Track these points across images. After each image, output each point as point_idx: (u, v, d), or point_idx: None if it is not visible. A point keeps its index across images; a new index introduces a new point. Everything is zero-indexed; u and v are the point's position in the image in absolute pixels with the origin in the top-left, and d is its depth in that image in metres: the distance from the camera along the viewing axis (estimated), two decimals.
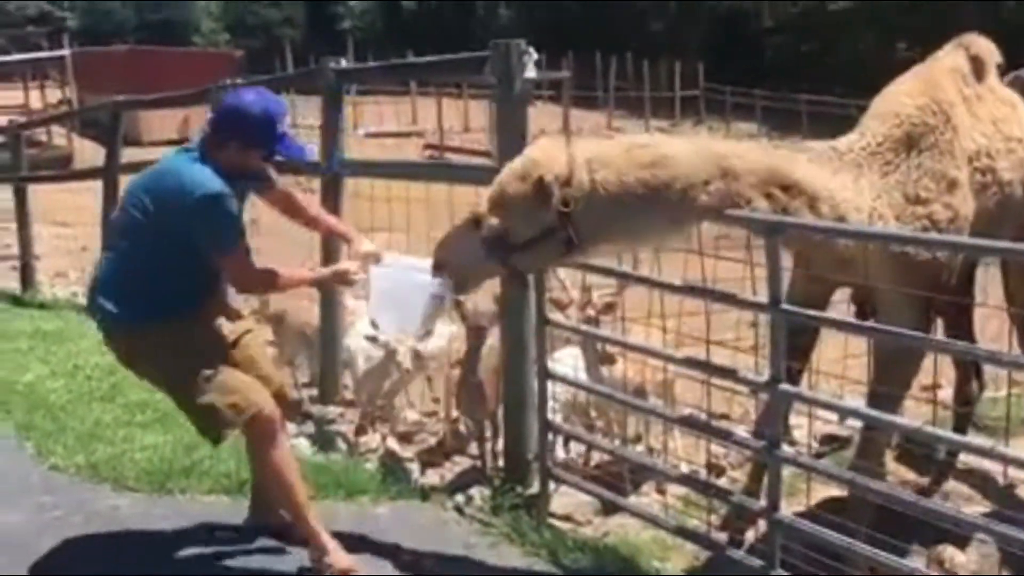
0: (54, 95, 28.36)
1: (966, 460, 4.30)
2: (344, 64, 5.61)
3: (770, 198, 3.20)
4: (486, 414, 4.44)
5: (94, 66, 27.74)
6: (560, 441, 4.59)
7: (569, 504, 4.04)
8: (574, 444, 4.69)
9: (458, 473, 4.53)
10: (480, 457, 4.55)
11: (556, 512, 3.97)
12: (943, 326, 4.04)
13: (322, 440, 4.93)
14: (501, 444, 4.35)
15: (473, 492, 4.17)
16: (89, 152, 16.77)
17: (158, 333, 3.37)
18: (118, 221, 3.51)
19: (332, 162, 5.37)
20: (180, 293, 3.40)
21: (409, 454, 4.80)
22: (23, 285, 9.54)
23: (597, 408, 4.59)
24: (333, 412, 5.31)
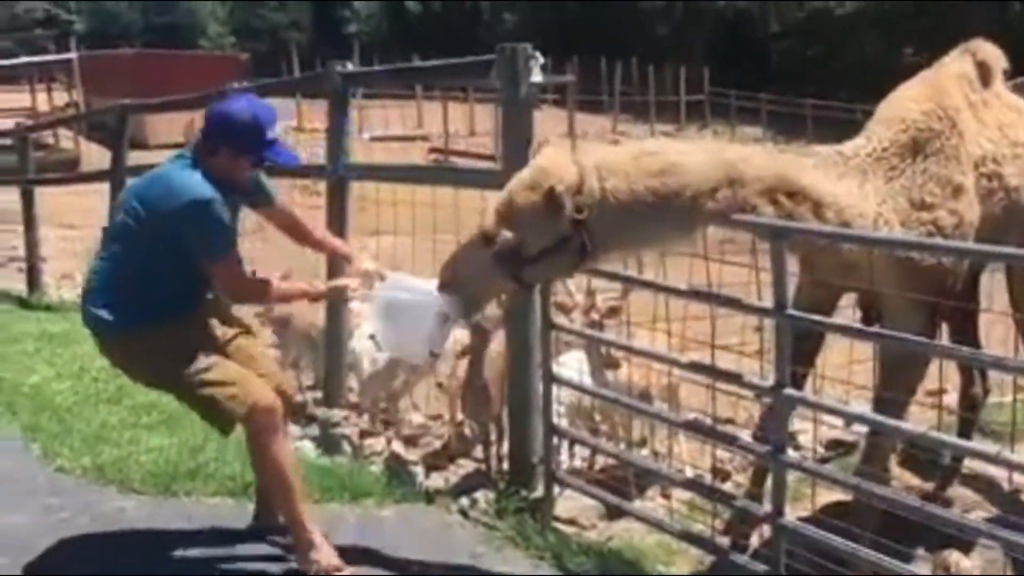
0: (61, 98, 28.45)
1: (971, 465, 4.29)
2: (350, 68, 5.62)
3: (776, 204, 3.20)
4: (491, 417, 4.44)
5: (101, 69, 27.83)
6: (565, 447, 4.59)
7: (574, 508, 4.03)
8: (579, 449, 4.69)
9: (463, 476, 4.53)
10: (485, 461, 4.55)
11: (561, 516, 3.96)
12: (948, 331, 4.03)
13: (327, 443, 4.94)
14: (506, 448, 4.35)
15: (478, 495, 4.17)
16: (96, 155, 16.84)
17: (152, 337, 3.36)
18: (111, 226, 3.50)
19: (337, 165, 5.38)
20: (173, 297, 3.39)
21: (414, 457, 4.81)
22: (29, 287, 9.57)
23: (602, 412, 4.60)
24: (338, 415, 5.31)
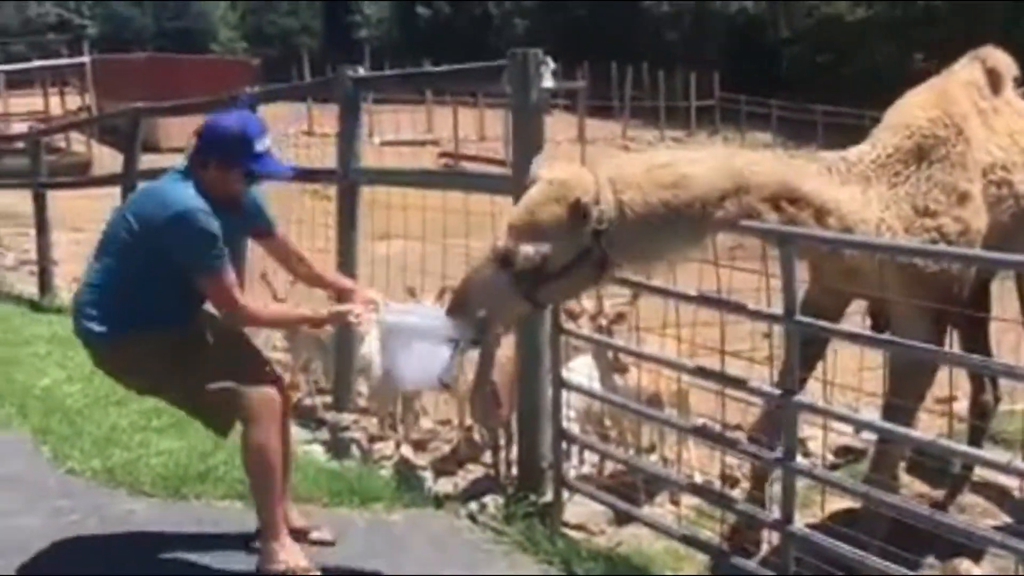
0: (74, 102, 28.60)
1: (982, 473, 4.28)
2: (361, 72, 5.64)
3: (778, 210, 3.21)
4: (500, 422, 4.44)
5: (113, 73, 27.97)
6: (575, 453, 4.59)
7: (582, 513, 4.03)
8: (588, 455, 4.69)
9: (472, 481, 4.53)
10: (494, 465, 4.56)
11: (569, 521, 3.96)
12: (959, 339, 4.02)
13: (336, 447, 4.95)
14: (515, 453, 4.35)
15: (487, 500, 4.16)
16: (107, 159, 16.88)
17: (141, 344, 3.34)
18: (103, 239, 3.48)
19: (348, 170, 5.39)
20: (164, 309, 3.35)
21: (423, 462, 4.82)
22: (41, 290, 9.60)
23: (612, 417, 4.60)
24: (347, 419, 5.32)
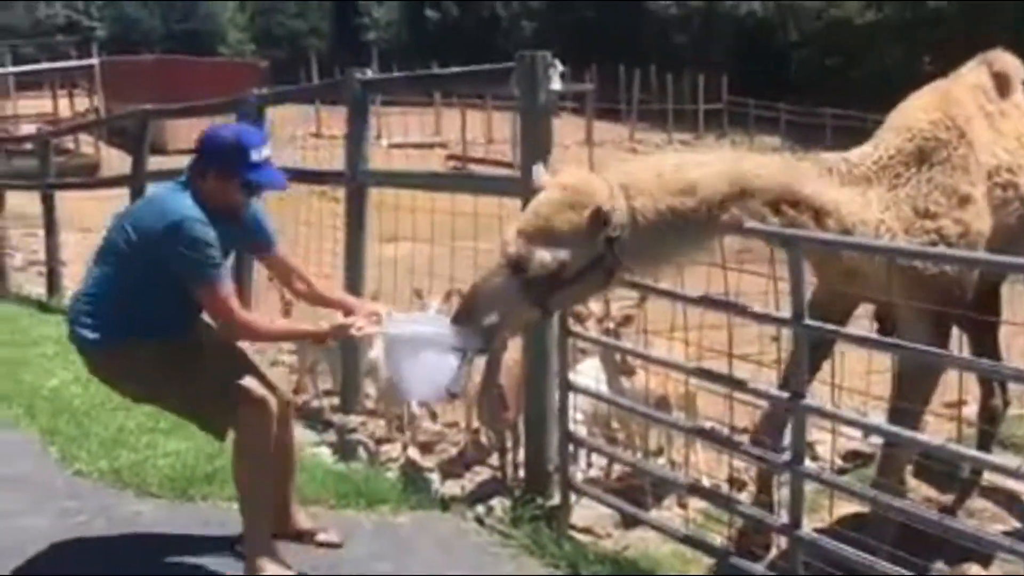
0: (82, 103, 28.69)
1: (991, 478, 4.26)
2: (369, 75, 5.65)
3: (779, 213, 3.22)
4: (507, 425, 4.44)
5: (122, 75, 28.07)
6: (582, 456, 4.59)
7: (589, 516, 4.02)
8: (595, 458, 4.68)
9: (479, 484, 4.53)
10: (501, 468, 4.55)
11: (576, 524, 3.95)
12: (968, 343, 4.01)
13: (343, 449, 4.95)
14: (522, 455, 4.35)
15: (494, 503, 4.16)
16: (116, 160, 16.95)
17: (135, 351, 3.31)
18: (101, 248, 3.47)
19: (357, 172, 5.40)
20: (160, 317, 3.33)
21: (430, 464, 4.82)
22: (49, 291, 9.64)
23: (619, 420, 4.59)
24: (354, 421, 5.33)
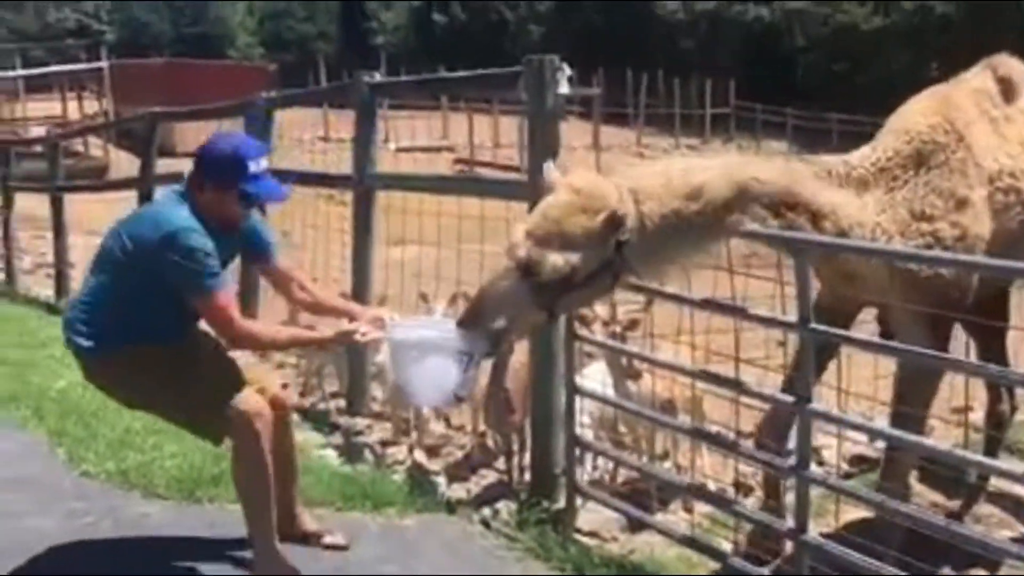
0: (91, 106, 28.77)
1: (997, 484, 4.25)
2: (377, 78, 5.66)
3: (778, 216, 3.24)
4: (513, 428, 4.44)
5: (131, 78, 28.16)
6: (588, 460, 4.59)
7: (595, 520, 4.02)
8: (601, 461, 4.68)
9: (485, 487, 4.53)
10: (507, 471, 4.55)
11: (582, 528, 3.95)
12: (976, 348, 4.00)
13: (350, 451, 4.95)
14: (528, 459, 4.35)
15: (500, 506, 4.16)
16: (124, 163, 17.00)
17: (130, 358, 3.30)
18: (97, 258, 3.45)
19: (364, 175, 5.41)
20: (154, 324, 3.31)
21: (436, 467, 4.82)
22: (57, 293, 9.66)
23: (626, 424, 4.59)
24: (361, 424, 5.34)
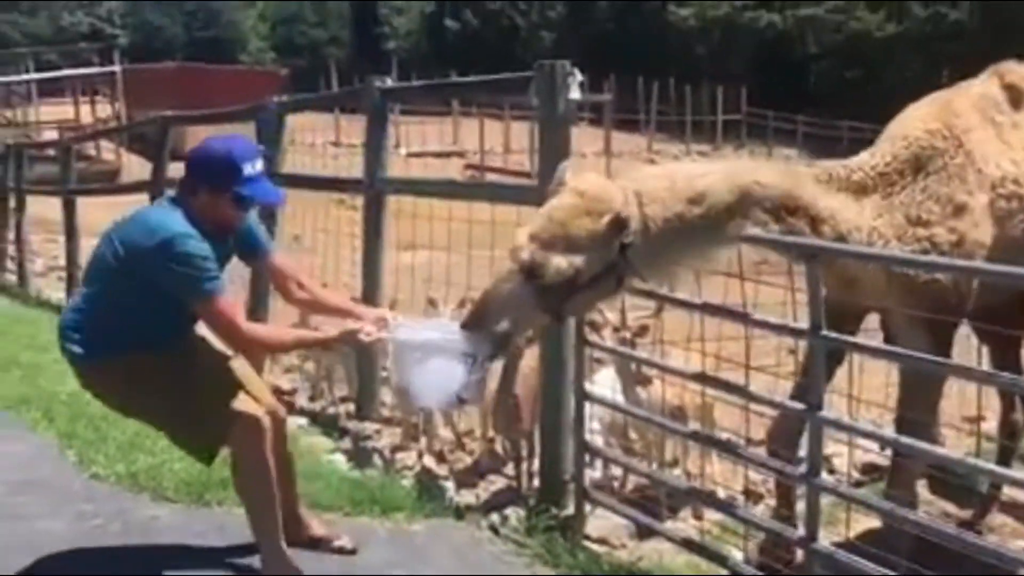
0: (104, 110, 28.88)
1: (1011, 493, 4.22)
2: (389, 83, 5.66)
3: (779, 220, 3.25)
4: (522, 434, 4.43)
5: (143, 82, 28.23)
6: (600, 461, 4.57)
7: (604, 527, 4.00)
8: (610, 467, 4.66)
9: (493, 493, 4.52)
10: (516, 477, 4.54)
11: (591, 534, 3.94)
12: (989, 356, 3.98)
13: (359, 456, 4.95)
14: (537, 464, 4.34)
15: (508, 512, 4.15)
16: (136, 166, 17.04)
17: (123, 365, 3.28)
18: (91, 265, 3.44)
19: (375, 179, 5.41)
20: (147, 331, 3.28)
21: (445, 472, 4.81)
22: (69, 296, 9.66)
23: (637, 430, 4.57)
24: (370, 428, 5.33)
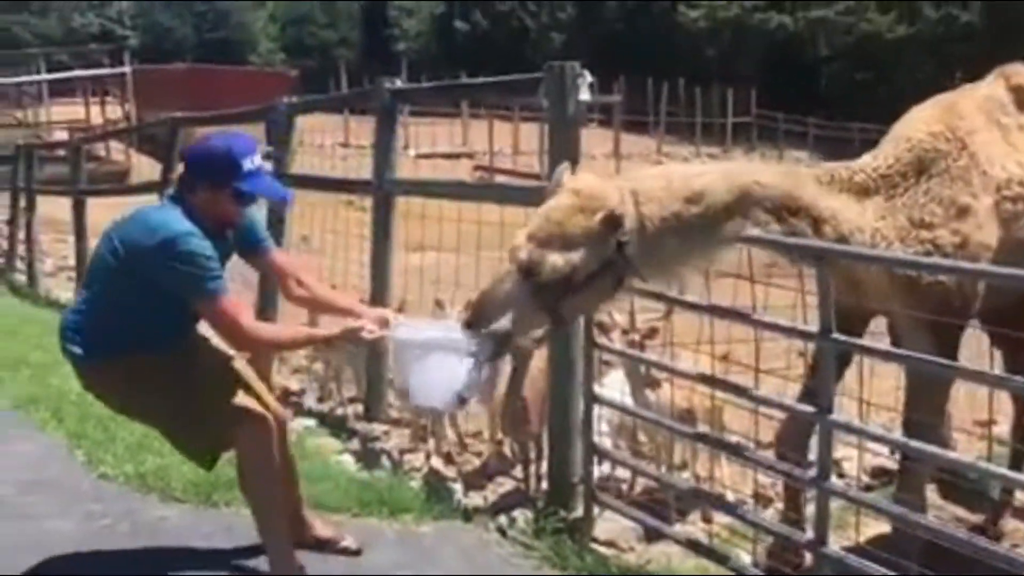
0: (114, 111, 28.95)
1: (1023, 499, 4.20)
2: (398, 84, 5.66)
3: (781, 221, 3.25)
4: (530, 436, 4.42)
5: (153, 83, 28.27)
6: (605, 465, 4.56)
7: (612, 529, 3.99)
8: (618, 470, 4.65)
9: (502, 495, 4.51)
10: (524, 479, 4.53)
11: (599, 537, 3.93)
12: (1002, 359, 3.96)
13: (367, 457, 4.94)
14: (545, 467, 4.33)
15: (516, 514, 4.14)
16: (146, 167, 17.07)
17: (123, 366, 3.26)
18: (91, 265, 3.43)
19: (383, 180, 5.41)
20: (147, 332, 3.26)
21: (453, 474, 4.80)
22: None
23: (646, 433, 4.56)
24: (378, 430, 5.33)
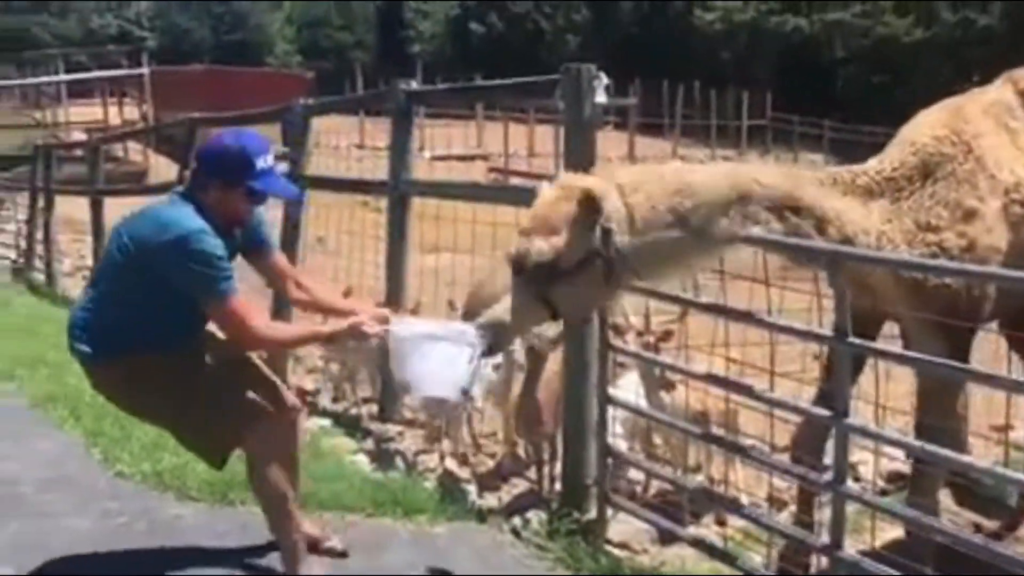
0: (132, 112, 29.11)
1: None
2: (414, 86, 5.68)
3: (782, 219, 3.25)
4: (544, 437, 4.43)
5: (171, 84, 28.40)
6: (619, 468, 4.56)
7: (626, 531, 4.00)
8: (632, 472, 4.65)
9: (516, 496, 4.52)
10: (538, 481, 4.54)
11: (613, 539, 3.93)
12: (1020, 363, 3.94)
13: (381, 458, 4.96)
14: (559, 468, 4.33)
15: (530, 516, 4.15)
16: (164, 168, 17.17)
17: (132, 365, 3.24)
18: (101, 262, 3.41)
19: (399, 181, 5.43)
20: (157, 330, 3.25)
21: (467, 475, 4.81)
22: None
23: (660, 435, 4.55)
24: (393, 430, 5.34)
